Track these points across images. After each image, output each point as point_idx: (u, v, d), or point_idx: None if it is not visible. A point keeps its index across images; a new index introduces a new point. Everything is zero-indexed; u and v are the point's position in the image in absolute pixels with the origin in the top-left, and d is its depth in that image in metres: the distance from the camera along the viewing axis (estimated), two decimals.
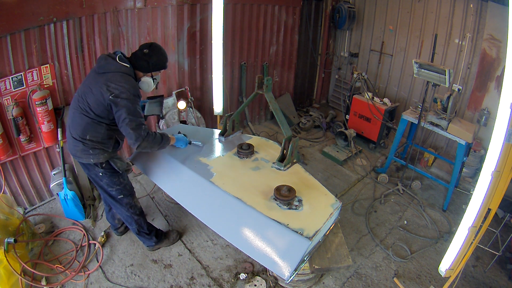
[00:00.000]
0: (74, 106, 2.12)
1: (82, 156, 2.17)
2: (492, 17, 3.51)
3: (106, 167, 2.24)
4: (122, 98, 1.97)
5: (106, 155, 2.21)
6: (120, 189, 2.35)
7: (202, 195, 2.20)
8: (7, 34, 2.46)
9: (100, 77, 2.02)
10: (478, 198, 1.74)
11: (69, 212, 2.91)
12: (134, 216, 2.48)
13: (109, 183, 2.30)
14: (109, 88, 1.96)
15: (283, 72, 4.98)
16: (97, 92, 1.99)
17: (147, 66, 2.15)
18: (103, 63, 2.05)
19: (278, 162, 2.37)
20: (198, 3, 3.59)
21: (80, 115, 2.08)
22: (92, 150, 2.14)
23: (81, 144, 2.12)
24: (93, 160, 2.17)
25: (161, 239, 2.70)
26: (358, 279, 2.59)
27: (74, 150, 2.18)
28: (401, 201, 3.52)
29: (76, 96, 2.13)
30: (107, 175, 2.26)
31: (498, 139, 1.60)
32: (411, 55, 4.47)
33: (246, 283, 2.48)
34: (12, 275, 2.18)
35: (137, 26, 3.24)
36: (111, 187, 2.32)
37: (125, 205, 2.41)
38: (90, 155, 2.15)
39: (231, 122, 2.72)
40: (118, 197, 2.36)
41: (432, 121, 3.36)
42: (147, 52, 2.12)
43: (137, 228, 2.54)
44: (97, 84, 2.00)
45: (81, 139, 2.11)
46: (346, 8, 4.81)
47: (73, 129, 2.13)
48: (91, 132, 2.10)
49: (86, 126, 2.08)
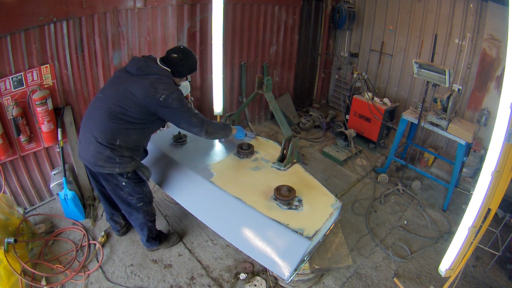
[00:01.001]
0: (101, 108, 1.99)
1: (105, 165, 2.02)
2: (492, 17, 3.51)
3: (131, 176, 2.15)
4: (174, 98, 1.97)
5: (134, 164, 2.11)
6: (141, 198, 2.28)
7: (202, 195, 2.20)
8: (7, 34, 2.45)
9: (142, 80, 1.97)
10: (478, 198, 1.74)
11: (69, 212, 2.91)
12: (149, 223, 2.45)
13: (131, 192, 2.21)
14: (157, 90, 1.94)
15: (283, 72, 4.98)
16: (141, 95, 1.94)
17: (183, 70, 2.15)
18: (143, 65, 2.00)
19: (278, 162, 2.37)
20: (198, 3, 3.59)
21: (111, 118, 1.96)
22: (120, 158, 2.02)
23: (108, 150, 1.98)
24: (119, 169, 2.04)
25: (161, 241, 2.68)
26: (358, 279, 2.59)
27: (95, 158, 2.00)
28: (401, 201, 3.52)
29: (102, 97, 2.03)
30: (130, 185, 2.17)
31: (498, 139, 1.60)
32: (411, 55, 4.47)
33: (246, 283, 2.48)
34: (12, 275, 2.18)
35: (137, 26, 3.24)
36: (132, 196, 2.24)
37: (143, 212, 2.35)
38: (115, 163, 2.02)
39: (231, 122, 2.72)
40: (138, 205, 2.29)
41: (432, 121, 3.36)
42: (181, 56, 2.11)
43: (148, 234, 2.51)
44: (141, 87, 1.95)
45: (110, 144, 1.98)
46: (346, 8, 4.81)
47: (99, 133, 1.97)
48: (122, 137, 2.00)
49: (118, 131, 1.98)
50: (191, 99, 3.77)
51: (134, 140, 2.06)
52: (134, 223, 2.47)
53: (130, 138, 2.04)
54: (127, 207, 2.31)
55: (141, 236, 2.58)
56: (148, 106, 1.96)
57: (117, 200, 2.31)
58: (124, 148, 2.03)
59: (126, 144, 2.03)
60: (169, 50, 2.16)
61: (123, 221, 2.75)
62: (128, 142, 2.03)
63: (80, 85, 3.07)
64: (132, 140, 2.05)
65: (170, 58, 2.11)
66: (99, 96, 2.07)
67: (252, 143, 2.57)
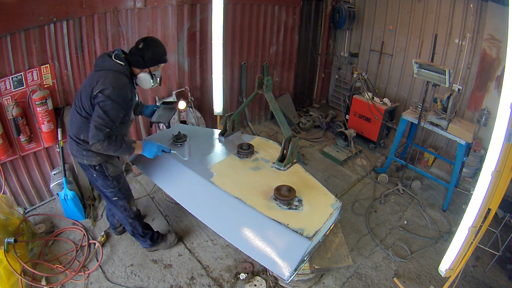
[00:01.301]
0: (73, 104, 2.11)
1: (77, 155, 2.16)
2: (492, 17, 3.51)
3: (99, 170, 2.20)
4: (103, 94, 1.89)
5: (99, 158, 2.15)
6: (114, 192, 2.31)
7: (202, 195, 2.20)
8: (7, 34, 2.46)
9: (95, 75, 1.98)
10: (478, 198, 1.74)
11: (69, 212, 2.91)
12: (128, 218, 2.46)
13: (103, 184, 2.27)
14: (97, 84, 1.91)
15: (283, 72, 4.98)
16: (88, 89, 1.95)
17: (142, 61, 2.04)
18: (100, 61, 2.02)
19: (278, 162, 2.37)
20: (198, 3, 3.59)
21: (75, 114, 2.06)
22: (86, 152, 2.11)
23: (75, 143, 2.11)
24: (86, 161, 2.15)
25: (157, 242, 2.66)
26: (358, 279, 2.59)
27: (71, 149, 2.18)
28: (401, 201, 3.52)
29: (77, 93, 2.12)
30: (100, 178, 2.23)
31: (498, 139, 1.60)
32: (411, 55, 4.47)
33: (246, 283, 2.48)
34: (12, 275, 2.18)
35: (137, 26, 3.24)
36: (106, 189, 2.30)
37: (119, 207, 2.39)
38: (83, 156, 2.13)
39: (231, 122, 2.72)
40: (113, 199, 2.34)
41: (432, 121, 3.36)
42: (141, 46, 2.02)
43: (131, 230, 2.54)
44: (91, 82, 1.96)
45: (76, 138, 2.09)
46: (346, 8, 4.81)
47: (69, 127, 2.14)
48: (84, 132, 2.04)
49: (81, 126, 2.05)
50: (191, 99, 3.77)
51: None
52: (119, 217, 2.54)
53: None
54: (106, 199, 2.39)
55: (127, 230, 2.60)
56: (91, 100, 1.95)
57: (98, 191, 2.41)
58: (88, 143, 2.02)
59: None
60: (137, 40, 2.09)
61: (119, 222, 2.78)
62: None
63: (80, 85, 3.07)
64: None
65: (132, 49, 2.07)
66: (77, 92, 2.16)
67: (252, 143, 2.57)
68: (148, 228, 2.63)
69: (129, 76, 2.05)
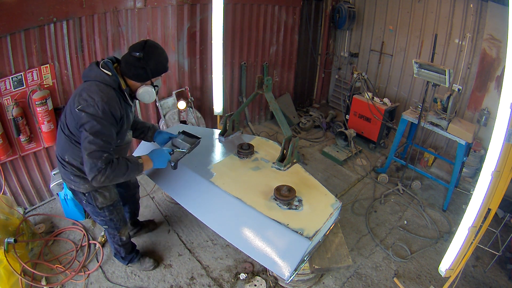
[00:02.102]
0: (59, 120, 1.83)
1: (65, 179, 1.91)
2: (492, 17, 3.51)
3: (88, 197, 1.95)
4: (87, 113, 1.58)
5: (87, 186, 1.88)
6: (104, 221, 2.11)
7: (202, 195, 2.20)
8: (7, 34, 2.45)
9: (80, 87, 1.72)
10: (478, 198, 1.74)
11: (69, 212, 2.91)
12: (115, 245, 2.34)
13: (93, 212, 2.05)
14: (79, 99, 1.61)
15: (283, 72, 4.98)
16: (71, 103, 1.67)
17: (144, 74, 1.73)
18: (87, 70, 1.73)
19: (278, 162, 2.37)
20: (198, 3, 3.59)
21: (60, 132, 1.79)
22: (73, 177, 1.85)
23: (61, 166, 1.86)
24: (74, 187, 1.90)
25: (133, 261, 2.50)
26: (358, 279, 2.59)
27: (59, 170, 1.92)
28: (401, 201, 3.52)
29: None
30: (90, 205, 1.99)
31: (498, 139, 1.60)
32: (411, 55, 4.47)
33: (246, 283, 2.48)
34: (12, 275, 2.18)
35: (137, 26, 3.24)
36: (96, 217, 2.10)
37: (109, 234, 2.27)
38: (71, 180, 1.87)
39: (231, 122, 2.72)
40: (103, 226, 2.19)
41: (432, 121, 3.36)
42: (141, 56, 1.67)
43: (115, 252, 2.45)
44: (74, 94, 1.69)
45: (61, 159, 1.83)
46: (346, 8, 4.81)
47: (56, 146, 1.88)
48: (69, 153, 1.78)
49: (64, 145, 1.79)
50: (191, 99, 3.77)
51: (81, 158, 1.73)
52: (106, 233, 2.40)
53: (76, 154, 1.78)
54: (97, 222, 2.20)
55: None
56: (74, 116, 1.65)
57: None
58: (75, 166, 1.81)
59: (75, 162, 1.80)
60: (131, 46, 1.73)
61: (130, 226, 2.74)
62: (75, 159, 1.80)
63: None
64: (79, 158, 1.77)
65: (127, 58, 1.72)
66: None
67: (252, 143, 2.57)
68: (131, 251, 2.47)
69: (117, 88, 1.72)
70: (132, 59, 1.70)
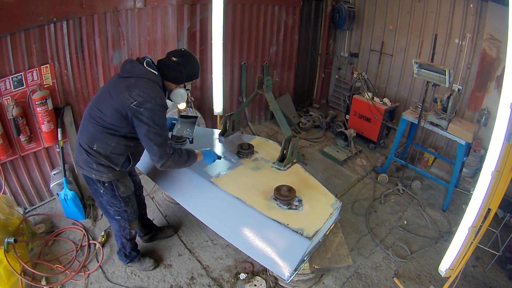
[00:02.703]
0: (88, 110, 1.91)
1: (84, 167, 1.94)
2: (492, 17, 3.51)
3: (108, 187, 2.02)
4: (146, 108, 1.73)
5: (111, 175, 1.96)
6: (118, 212, 2.14)
7: (202, 195, 2.20)
8: (7, 34, 2.45)
9: (122, 82, 1.81)
10: (478, 198, 1.74)
11: (69, 212, 2.91)
12: (123, 239, 2.33)
13: (109, 202, 2.09)
14: (131, 94, 1.73)
15: (283, 72, 4.98)
16: (116, 98, 1.77)
17: (180, 77, 1.93)
18: (128, 67, 1.84)
19: (278, 162, 2.37)
20: (198, 3, 3.59)
21: (91, 121, 1.86)
22: (96, 165, 1.90)
23: (85, 153, 1.89)
24: (95, 175, 1.94)
25: (134, 261, 2.52)
26: (358, 279, 2.59)
27: (78, 159, 1.97)
28: (401, 201, 3.52)
29: (92, 100, 1.93)
30: (108, 195, 2.04)
31: (498, 139, 1.60)
32: (411, 55, 4.47)
33: (246, 283, 2.48)
34: (12, 275, 2.18)
35: (137, 26, 3.25)
36: (110, 207, 2.12)
37: (119, 226, 2.24)
38: (92, 169, 1.92)
39: (231, 122, 2.72)
40: (116, 217, 2.17)
41: (432, 121, 3.36)
42: (179, 61, 1.89)
43: (120, 248, 2.42)
44: (118, 88, 1.78)
45: (88, 147, 1.88)
46: (346, 8, 4.81)
47: (81, 135, 1.93)
48: (99, 142, 1.86)
49: (95, 134, 1.85)
50: (191, 99, 3.77)
51: (112, 147, 1.88)
52: (113, 228, 2.37)
53: (108, 144, 1.87)
54: (106, 214, 2.22)
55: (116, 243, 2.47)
56: (121, 110, 1.77)
57: (97, 203, 2.18)
58: (102, 155, 1.88)
59: (103, 151, 1.87)
60: (170, 52, 1.97)
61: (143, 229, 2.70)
62: (105, 149, 1.87)
63: (80, 85, 3.07)
64: (111, 147, 1.87)
65: (166, 61, 1.92)
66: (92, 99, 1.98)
67: (252, 143, 2.57)
68: (135, 249, 2.50)
69: (160, 87, 1.90)
70: (171, 62, 1.90)
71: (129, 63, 1.86)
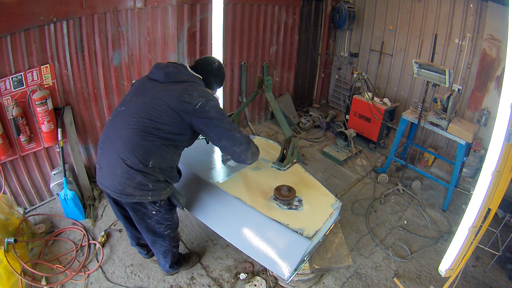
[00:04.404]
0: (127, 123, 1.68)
1: (136, 193, 1.69)
2: (492, 17, 3.51)
3: (164, 204, 1.88)
4: (211, 106, 1.73)
5: (169, 190, 1.83)
6: (170, 225, 2.05)
7: (202, 195, 2.20)
8: (7, 34, 2.46)
9: (173, 86, 1.72)
10: (478, 198, 1.74)
11: (69, 212, 2.91)
12: (173, 249, 2.25)
13: (160, 220, 1.95)
14: (192, 97, 1.68)
15: (283, 72, 4.98)
16: (174, 103, 1.67)
17: (215, 81, 2.00)
18: (173, 71, 1.77)
19: (278, 162, 2.37)
20: (198, 3, 3.59)
21: (141, 135, 1.65)
22: (153, 184, 1.70)
23: (140, 175, 1.65)
24: (152, 197, 1.74)
25: (181, 263, 2.49)
26: (358, 279, 2.59)
27: (123, 186, 1.66)
28: (401, 201, 3.52)
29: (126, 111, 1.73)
30: (161, 213, 1.91)
31: (498, 139, 1.60)
32: (411, 55, 4.47)
33: (246, 283, 2.48)
34: (12, 275, 2.18)
35: (137, 26, 3.24)
36: (161, 224, 1.98)
37: (169, 239, 2.13)
38: (149, 191, 1.70)
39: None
40: (165, 232, 2.05)
41: (432, 121, 3.36)
42: (217, 67, 1.97)
43: (171, 260, 2.29)
44: (172, 94, 1.69)
45: (142, 167, 1.65)
46: (346, 8, 4.81)
47: (127, 153, 1.63)
48: (155, 157, 1.68)
49: (150, 149, 1.66)
50: None
51: (168, 160, 1.76)
52: (157, 251, 2.20)
53: (164, 157, 1.73)
54: (152, 236, 2.05)
55: (163, 262, 2.32)
56: (183, 115, 1.69)
57: (142, 229, 2.02)
58: (158, 170, 1.72)
59: (160, 166, 1.72)
60: (201, 59, 2.00)
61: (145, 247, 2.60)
62: (162, 163, 1.73)
63: (80, 85, 3.07)
64: (167, 160, 1.75)
65: (204, 66, 1.95)
66: (121, 110, 1.75)
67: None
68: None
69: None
70: (209, 68, 1.97)
71: (172, 67, 1.81)
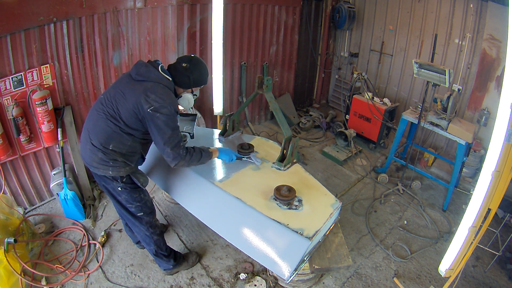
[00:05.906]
0: (99, 109, 1.91)
1: (99, 167, 1.94)
2: (492, 17, 3.51)
3: (126, 181, 2.04)
4: (162, 113, 1.80)
5: (128, 168, 2.00)
6: (140, 206, 2.14)
7: (202, 195, 2.20)
8: (7, 34, 2.46)
9: (137, 85, 1.85)
10: (478, 198, 1.74)
11: (69, 212, 2.91)
12: (154, 236, 2.28)
13: (128, 199, 2.09)
14: (148, 99, 1.78)
15: (283, 72, 4.98)
16: (132, 101, 1.82)
17: (188, 81, 1.99)
18: (144, 70, 1.87)
19: (278, 162, 2.37)
20: (198, 3, 3.59)
21: (106, 121, 1.87)
22: (113, 162, 1.93)
23: (100, 152, 1.90)
24: (112, 172, 1.95)
25: (179, 262, 2.50)
26: (358, 279, 2.59)
27: (90, 159, 1.95)
28: (401, 201, 3.52)
29: (103, 99, 1.93)
30: (127, 190, 2.06)
31: (498, 139, 1.60)
32: (411, 55, 4.47)
33: (246, 283, 2.48)
34: (12, 275, 2.18)
35: (137, 26, 3.25)
36: (131, 204, 2.11)
37: (145, 224, 2.20)
38: (109, 166, 1.93)
39: (231, 122, 2.72)
40: (138, 214, 2.16)
41: (432, 121, 3.36)
42: (187, 66, 1.95)
43: (155, 249, 2.34)
44: (134, 92, 1.82)
45: (103, 147, 1.89)
46: (346, 8, 4.81)
47: (94, 135, 1.91)
48: (115, 142, 1.90)
49: (112, 135, 1.88)
50: None
51: (128, 146, 1.94)
52: (140, 237, 2.32)
53: (124, 144, 1.92)
54: (129, 215, 2.18)
55: (148, 251, 2.41)
56: (137, 113, 1.83)
57: (116, 206, 2.20)
58: (118, 153, 1.92)
59: (119, 150, 1.92)
60: (180, 58, 2.03)
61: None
62: (122, 148, 1.93)
63: (80, 85, 3.08)
64: (126, 146, 1.94)
65: (175, 66, 1.99)
66: (100, 98, 1.97)
67: (252, 143, 2.57)
68: (169, 247, 2.47)
69: (173, 92, 1.97)
70: (180, 67, 1.96)
71: (144, 66, 1.89)
